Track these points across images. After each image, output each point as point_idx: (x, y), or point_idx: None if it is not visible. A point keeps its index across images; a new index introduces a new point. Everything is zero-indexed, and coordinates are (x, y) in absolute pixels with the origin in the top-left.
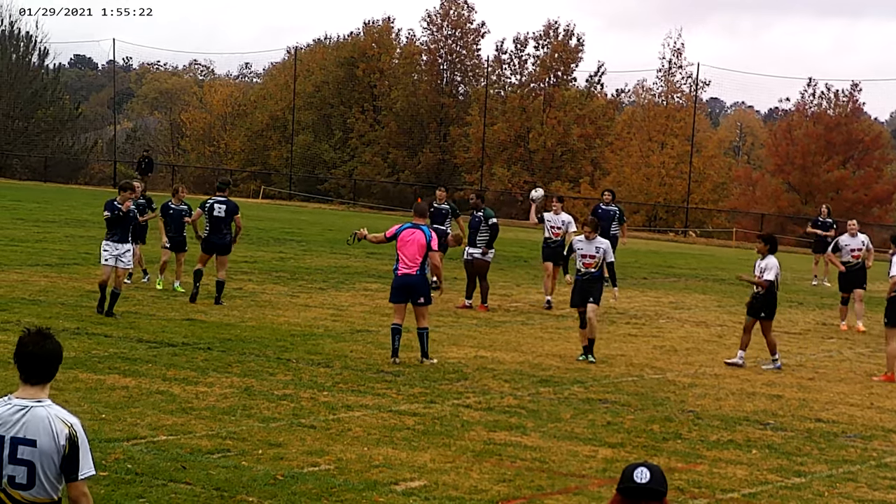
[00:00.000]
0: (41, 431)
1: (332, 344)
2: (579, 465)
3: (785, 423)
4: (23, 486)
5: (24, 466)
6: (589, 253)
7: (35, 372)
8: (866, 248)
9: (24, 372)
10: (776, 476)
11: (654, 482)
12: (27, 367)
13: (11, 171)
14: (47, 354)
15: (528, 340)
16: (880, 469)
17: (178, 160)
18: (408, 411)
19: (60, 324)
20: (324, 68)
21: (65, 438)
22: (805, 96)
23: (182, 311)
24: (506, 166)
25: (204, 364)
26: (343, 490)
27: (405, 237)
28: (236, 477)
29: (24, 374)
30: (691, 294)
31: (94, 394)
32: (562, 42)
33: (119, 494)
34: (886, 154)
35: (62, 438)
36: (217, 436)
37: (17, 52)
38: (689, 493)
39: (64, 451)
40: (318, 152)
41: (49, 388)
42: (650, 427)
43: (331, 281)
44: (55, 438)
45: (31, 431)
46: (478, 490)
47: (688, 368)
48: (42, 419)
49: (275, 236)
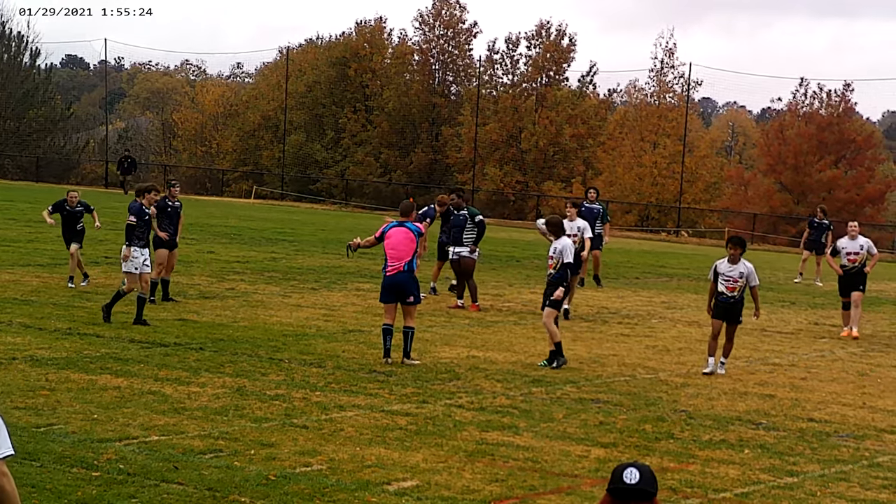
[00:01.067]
0: None
1: (324, 344)
2: (572, 464)
3: (777, 423)
4: None
5: None
6: (549, 253)
7: None
8: (867, 252)
9: None
10: (768, 476)
11: (644, 482)
12: None
13: (3, 171)
14: None
15: (521, 340)
16: (872, 469)
17: (170, 160)
18: (400, 411)
19: (52, 324)
20: (316, 68)
21: None
22: (797, 96)
23: (174, 312)
24: (498, 166)
25: (196, 364)
26: (335, 490)
27: (391, 235)
28: (228, 477)
29: None
30: (683, 294)
31: (85, 394)
32: (554, 42)
33: (111, 495)
34: (878, 154)
35: None
36: (209, 436)
37: (9, 52)
38: (682, 493)
39: None
40: (311, 152)
41: None
42: (642, 427)
43: (323, 281)
44: None
45: None
46: (470, 490)
47: (680, 368)
48: None
49: (267, 236)
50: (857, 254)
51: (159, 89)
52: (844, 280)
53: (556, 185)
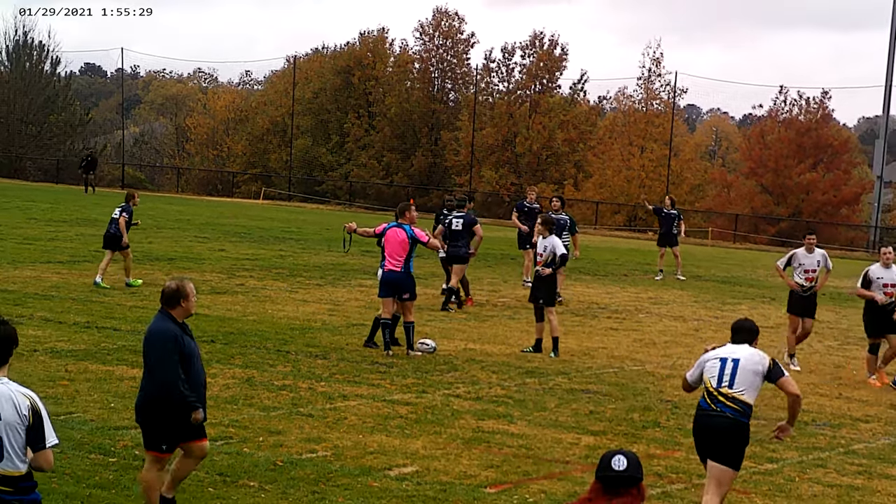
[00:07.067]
0: (4, 405)
1: (329, 337)
2: (563, 451)
3: (758, 412)
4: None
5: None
6: (538, 251)
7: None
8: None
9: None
10: (749, 462)
11: (631, 469)
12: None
13: (25, 173)
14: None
15: (515, 334)
16: (848, 456)
17: (182, 163)
18: (401, 401)
19: (71, 318)
20: (321, 76)
21: (27, 409)
22: (777, 103)
23: None
24: (494, 169)
25: (207, 356)
26: (339, 475)
27: (389, 236)
28: (238, 463)
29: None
30: (669, 290)
31: (103, 384)
32: (547, 51)
33: (127, 479)
34: (854, 158)
35: (24, 409)
36: (220, 424)
37: (31, 60)
38: (667, 479)
39: (28, 422)
40: (316, 155)
41: (6, 369)
42: (630, 416)
43: (328, 277)
44: (17, 409)
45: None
46: (467, 475)
47: (666, 360)
48: (3, 394)
49: (275, 235)
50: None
51: (173, 96)
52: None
53: (548, 186)
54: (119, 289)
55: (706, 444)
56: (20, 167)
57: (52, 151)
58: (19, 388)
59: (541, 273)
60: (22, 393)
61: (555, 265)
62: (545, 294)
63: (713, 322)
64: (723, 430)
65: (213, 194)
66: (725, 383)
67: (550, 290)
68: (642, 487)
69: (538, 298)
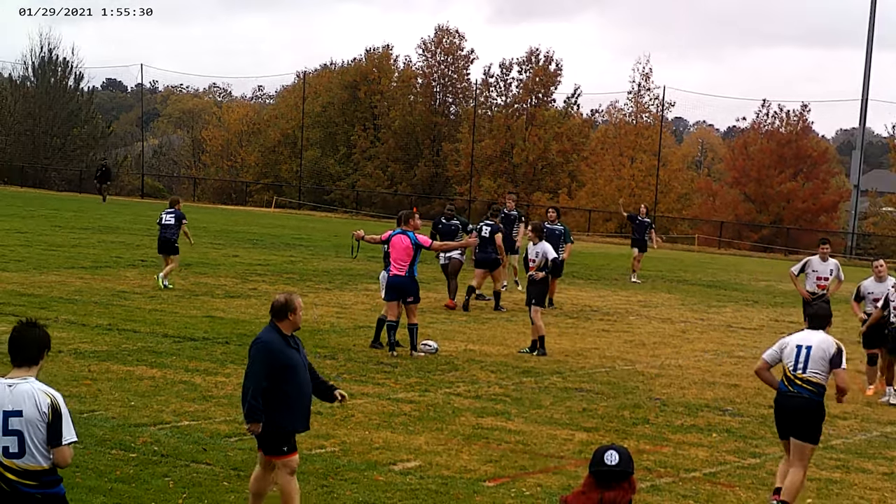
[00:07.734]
0: (25, 402)
1: (336, 338)
2: (558, 447)
3: (742, 410)
4: (15, 455)
5: (15, 436)
6: (530, 256)
7: (18, 354)
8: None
9: (11, 355)
10: (734, 457)
11: (623, 464)
12: (13, 351)
13: (50, 183)
14: (30, 340)
15: (512, 335)
16: (826, 451)
17: (199, 173)
18: (405, 399)
19: (94, 320)
20: (329, 90)
21: (47, 407)
22: (760, 116)
23: (203, 309)
24: (492, 178)
25: (223, 357)
26: (347, 470)
27: (394, 242)
28: (252, 458)
29: (11, 356)
30: (658, 293)
31: (124, 384)
32: (542, 67)
33: (147, 473)
34: (832, 168)
35: (44, 406)
36: (234, 421)
37: (55, 76)
38: (656, 473)
39: (48, 419)
40: (325, 166)
41: (36, 371)
42: (621, 413)
43: (336, 282)
44: (38, 407)
45: (17, 402)
46: (467, 470)
47: (655, 360)
48: (26, 391)
49: (285, 242)
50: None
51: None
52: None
53: (544, 195)
54: (140, 293)
55: (787, 422)
56: (45, 177)
57: (75, 162)
58: (42, 387)
59: (534, 277)
60: (43, 391)
61: (547, 268)
62: (536, 294)
63: (699, 324)
64: (801, 410)
65: (228, 203)
66: (800, 368)
67: (541, 292)
68: (633, 481)
69: (530, 299)
